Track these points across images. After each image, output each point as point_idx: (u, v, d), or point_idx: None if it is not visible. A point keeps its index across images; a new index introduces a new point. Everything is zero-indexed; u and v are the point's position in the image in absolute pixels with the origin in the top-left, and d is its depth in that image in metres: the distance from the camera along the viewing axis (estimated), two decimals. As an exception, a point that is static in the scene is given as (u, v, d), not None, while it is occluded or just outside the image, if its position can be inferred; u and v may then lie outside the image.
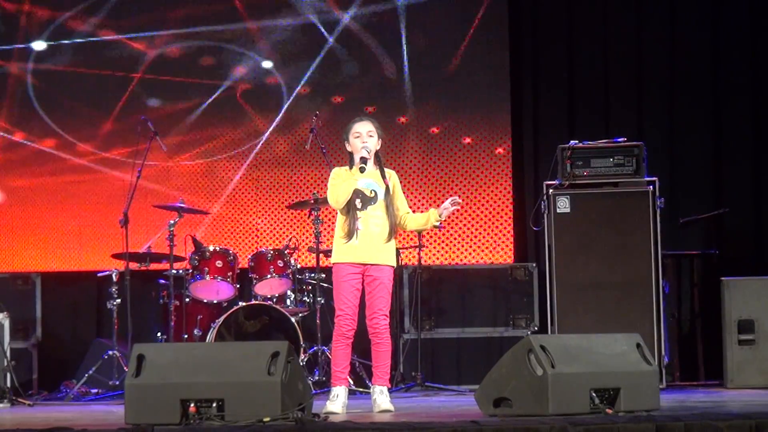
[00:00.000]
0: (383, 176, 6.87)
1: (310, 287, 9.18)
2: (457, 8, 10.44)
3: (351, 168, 6.87)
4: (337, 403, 6.77)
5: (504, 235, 10.27)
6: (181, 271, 9.17)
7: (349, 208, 6.80)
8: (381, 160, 6.93)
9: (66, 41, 10.36)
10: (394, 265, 6.91)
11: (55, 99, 10.35)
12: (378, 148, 6.90)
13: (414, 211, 7.03)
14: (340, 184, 6.79)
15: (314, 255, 9.10)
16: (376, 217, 6.82)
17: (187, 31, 10.40)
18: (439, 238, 10.23)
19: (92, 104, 10.36)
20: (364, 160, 6.77)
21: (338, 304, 6.85)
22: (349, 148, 6.91)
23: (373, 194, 6.83)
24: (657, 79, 10.34)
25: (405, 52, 10.40)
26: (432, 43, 10.42)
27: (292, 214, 10.20)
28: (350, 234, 6.79)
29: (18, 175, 10.32)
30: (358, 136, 6.85)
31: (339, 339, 6.85)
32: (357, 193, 6.80)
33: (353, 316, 6.82)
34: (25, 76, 10.36)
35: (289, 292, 9.15)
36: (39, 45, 10.35)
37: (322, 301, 8.94)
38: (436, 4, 10.42)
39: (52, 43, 10.35)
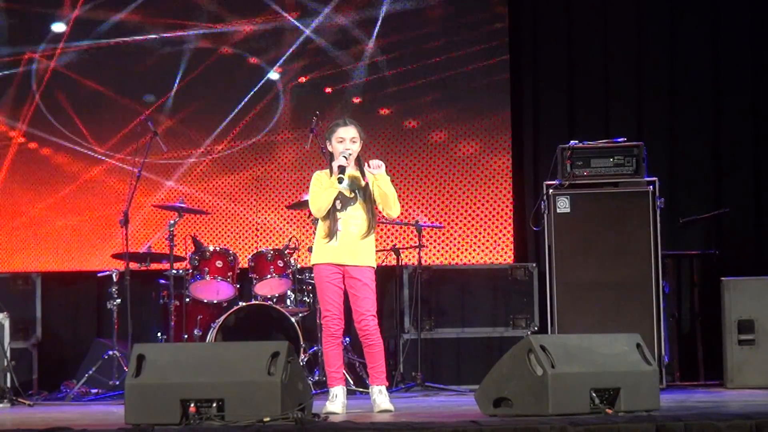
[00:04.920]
0: (363, 176, 6.88)
1: (310, 287, 9.18)
2: (458, 8, 10.44)
3: (331, 170, 6.87)
4: (336, 403, 6.78)
5: (504, 235, 10.27)
6: (181, 271, 9.16)
7: (329, 210, 6.82)
8: (362, 162, 6.93)
9: (68, 43, 10.36)
10: (374, 265, 6.92)
11: (56, 99, 10.34)
12: (359, 151, 6.89)
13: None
14: (321, 193, 6.80)
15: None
16: (356, 217, 6.85)
17: (186, 34, 10.40)
18: (439, 238, 10.23)
19: (93, 104, 10.35)
20: (342, 169, 6.76)
21: (324, 305, 6.87)
22: (330, 149, 6.93)
23: (353, 195, 6.85)
24: (657, 79, 10.33)
25: (405, 53, 10.40)
26: (432, 43, 10.41)
27: (292, 214, 10.20)
28: (330, 235, 6.82)
29: (18, 174, 10.31)
30: (341, 141, 6.85)
31: (329, 340, 6.86)
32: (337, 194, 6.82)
33: (340, 315, 6.84)
34: (29, 78, 10.36)
35: (289, 292, 9.15)
36: (59, 27, 10.34)
37: (322, 301, 8.94)
38: (437, 4, 10.42)
39: (59, 39, 10.37)
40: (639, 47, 10.35)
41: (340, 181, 6.74)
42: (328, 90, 10.39)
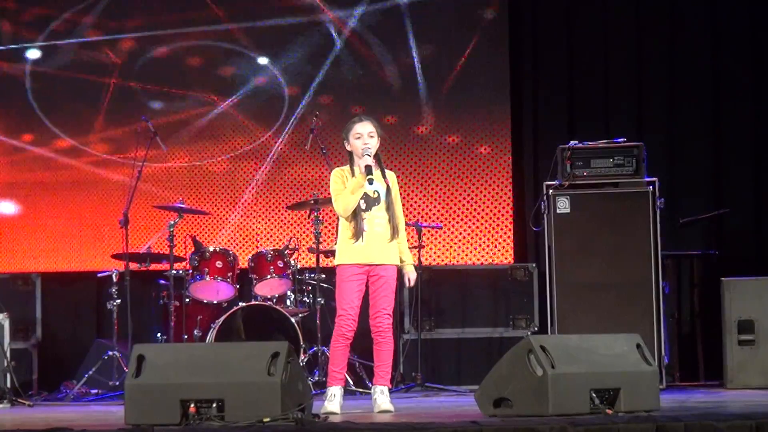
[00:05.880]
0: (384, 176, 6.87)
1: (310, 288, 9.18)
2: (458, 9, 10.44)
3: (352, 168, 6.85)
4: (335, 402, 6.78)
5: (504, 235, 10.27)
6: (181, 272, 9.16)
7: (355, 210, 6.80)
8: (381, 159, 6.92)
9: (64, 42, 10.35)
10: (398, 264, 6.92)
11: (54, 100, 10.34)
12: (377, 147, 6.88)
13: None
14: (347, 194, 6.78)
15: (314, 255, 9.10)
16: (380, 217, 6.83)
17: (184, 31, 10.40)
18: (439, 238, 10.23)
19: (92, 104, 10.35)
20: (369, 169, 6.74)
21: (341, 304, 6.84)
22: (348, 148, 6.88)
23: (376, 195, 6.83)
24: (657, 79, 10.34)
25: (405, 53, 10.40)
26: (431, 43, 10.41)
27: (292, 214, 10.20)
28: (357, 235, 6.78)
29: (18, 175, 10.31)
30: (359, 137, 6.82)
31: (339, 339, 6.85)
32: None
33: (354, 317, 6.82)
34: (23, 78, 10.35)
35: (289, 293, 9.15)
36: (33, 54, 10.32)
37: (322, 302, 8.94)
38: (436, 5, 10.42)
39: (51, 43, 10.34)
40: (639, 47, 10.35)
41: (371, 182, 6.71)
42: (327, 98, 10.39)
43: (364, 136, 6.81)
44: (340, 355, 6.87)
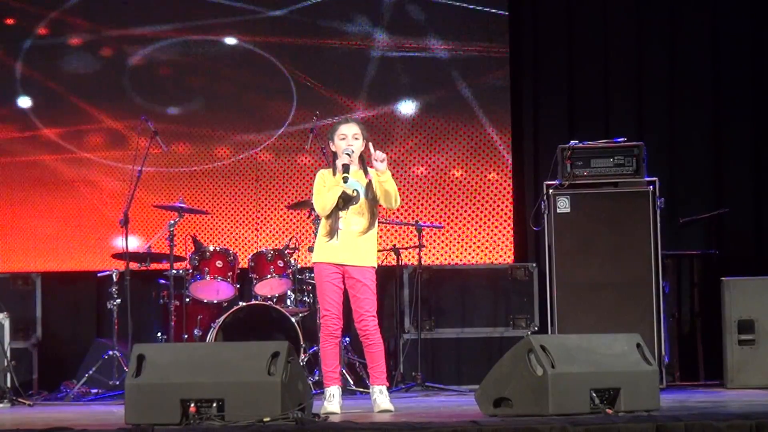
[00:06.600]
0: (366, 174, 6.87)
1: (310, 287, 9.18)
2: (457, 8, 10.43)
3: (334, 169, 6.87)
4: (334, 403, 6.79)
5: (504, 235, 10.27)
6: (181, 271, 9.16)
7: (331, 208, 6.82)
8: (365, 161, 6.93)
9: (60, 41, 10.35)
10: (375, 265, 6.92)
11: (52, 99, 10.33)
12: (362, 149, 6.89)
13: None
14: (325, 193, 6.80)
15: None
16: (358, 215, 6.84)
17: (181, 26, 10.39)
18: (439, 238, 10.24)
19: (92, 104, 10.34)
20: (346, 168, 6.75)
21: (323, 304, 6.88)
22: (333, 149, 6.93)
23: (355, 193, 6.84)
24: (657, 79, 10.33)
25: (406, 51, 10.41)
26: (433, 42, 10.41)
27: (292, 214, 10.20)
28: (331, 233, 6.81)
29: (18, 175, 10.30)
30: (343, 138, 6.86)
31: (327, 339, 6.87)
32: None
33: (339, 315, 6.84)
34: (16, 75, 10.34)
35: (289, 292, 9.15)
36: (25, 102, 10.30)
37: (322, 301, 8.95)
38: (437, 6, 10.42)
39: (51, 41, 10.35)
40: (639, 47, 10.35)
41: (345, 180, 6.73)
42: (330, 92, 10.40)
43: (349, 138, 6.85)
44: (331, 355, 6.88)
